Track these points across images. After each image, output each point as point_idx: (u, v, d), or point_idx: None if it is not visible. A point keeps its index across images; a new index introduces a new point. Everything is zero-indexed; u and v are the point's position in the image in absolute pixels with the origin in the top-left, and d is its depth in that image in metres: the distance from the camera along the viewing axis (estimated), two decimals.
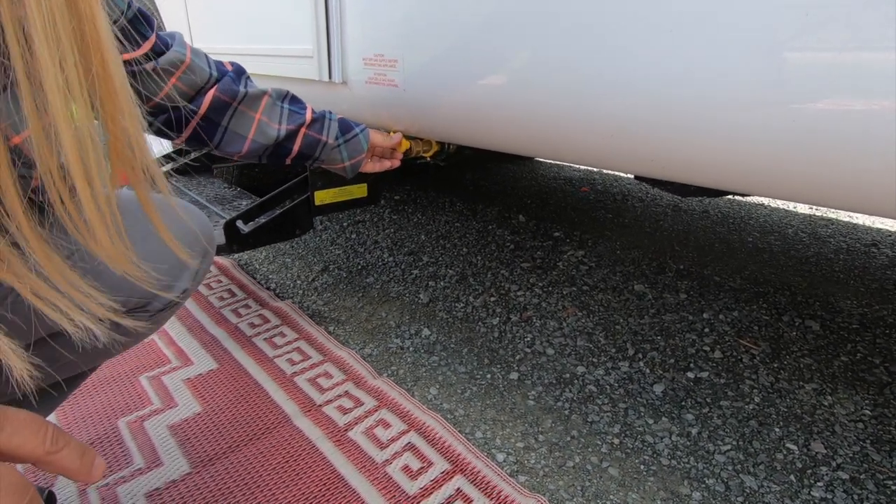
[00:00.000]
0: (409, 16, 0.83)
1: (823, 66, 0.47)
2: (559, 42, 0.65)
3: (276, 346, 1.18)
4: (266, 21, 1.17)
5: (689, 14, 0.53)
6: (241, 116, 0.79)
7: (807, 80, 0.48)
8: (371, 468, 0.83)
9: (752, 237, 1.86)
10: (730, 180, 0.60)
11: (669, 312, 1.33)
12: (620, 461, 0.88)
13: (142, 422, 0.93)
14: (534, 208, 2.11)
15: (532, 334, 1.24)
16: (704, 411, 0.99)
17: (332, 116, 0.89)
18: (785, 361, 1.13)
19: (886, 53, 0.43)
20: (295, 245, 1.79)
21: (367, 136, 0.93)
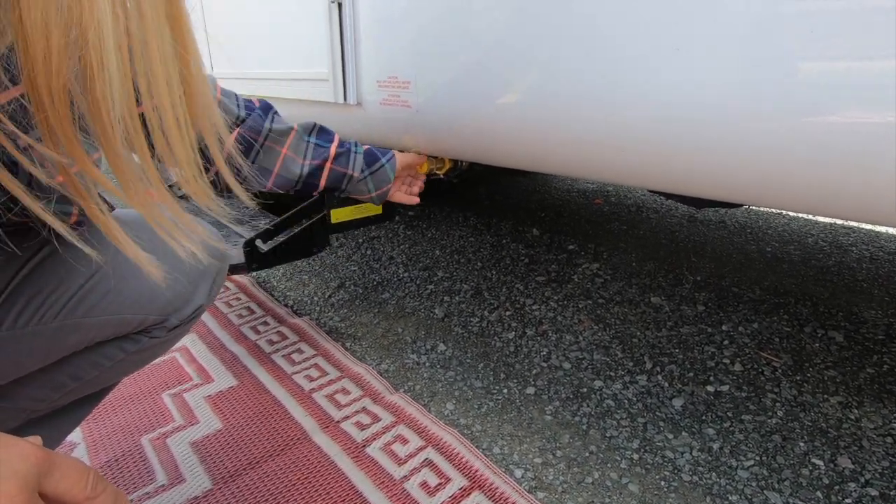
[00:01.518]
0: (422, 38, 0.86)
1: (832, 78, 0.48)
2: (570, 59, 0.66)
3: (295, 362, 1.20)
4: (282, 46, 1.21)
5: (698, 31, 0.54)
6: (267, 152, 0.83)
7: (816, 91, 0.49)
8: (389, 484, 0.84)
9: (771, 247, 1.84)
10: (743, 194, 0.60)
11: (687, 325, 1.31)
12: (640, 477, 0.87)
13: (164, 438, 0.95)
14: (548, 221, 2.11)
15: (548, 348, 1.24)
16: (726, 426, 0.97)
17: (359, 149, 0.92)
18: (808, 374, 1.11)
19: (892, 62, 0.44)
20: (312, 262, 1.81)
21: (393, 166, 0.96)
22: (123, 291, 0.53)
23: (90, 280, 0.52)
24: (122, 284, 0.53)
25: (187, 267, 0.59)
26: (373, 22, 0.94)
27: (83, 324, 0.51)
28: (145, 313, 0.55)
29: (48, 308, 0.50)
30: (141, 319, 0.55)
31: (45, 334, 0.50)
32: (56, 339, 0.51)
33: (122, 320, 0.53)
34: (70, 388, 0.57)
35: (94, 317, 0.52)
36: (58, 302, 0.51)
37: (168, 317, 0.58)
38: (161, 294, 0.56)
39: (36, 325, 0.50)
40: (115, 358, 0.56)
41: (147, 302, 0.55)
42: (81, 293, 0.52)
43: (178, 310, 0.58)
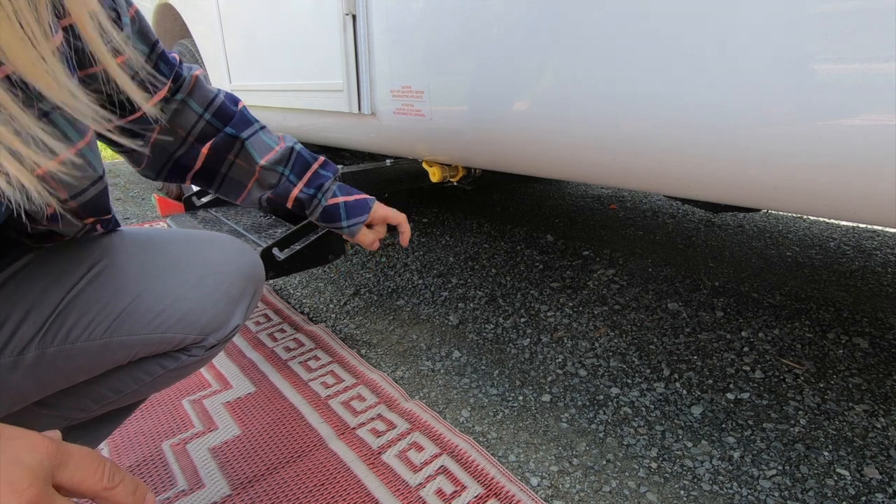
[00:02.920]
0: (435, 48, 0.87)
1: (848, 83, 0.47)
2: (583, 66, 0.67)
3: (311, 369, 1.21)
4: (298, 58, 1.23)
5: (712, 36, 0.54)
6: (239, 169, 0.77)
7: (832, 96, 0.48)
8: (405, 492, 0.84)
9: (792, 251, 1.80)
10: (759, 198, 0.60)
11: (706, 331, 1.29)
12: (659, 486, 0.85)
13: (184, 444, 0.97)
14: (562, 227, 2.11)
15: (563, 355, 1.23)
16: (747, 434, 0.95)
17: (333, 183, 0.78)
18: (832, 381, 1.08)
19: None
20: (327, 270, 1.83)
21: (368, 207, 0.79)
22: (167, 310, 0.55)
23: (136, 299, 0.54)
24: (166, 304, 0.55)
25: (227, 287, 0.60)
26: (386, 33, 0.95)
27: (128, 341, 0.53)
28: (186, 333, 0.57)
29: (97, 325, 0.52)
30: (181, 338, 0.56)
31: (92, 350, 0.52)
32: (102, 354, 0.53)
33: (163, 339, 0.55)
34: (110, 401, 0.59)
35: (138, 335, 0.54)
36: (106, 319, 0.53)
37: (207, 336, 0.59)
38: (202, 314, 0.57)
39: (84, 342, 0.52)
40: (154, 374, 0.58)
41: (189, 322, 0.56)
42: (128, 311, 0.54)
43: (216, 330, 0.59)
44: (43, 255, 0.55)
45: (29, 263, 0.54)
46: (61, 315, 0.52)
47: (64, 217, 0.47)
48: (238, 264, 0.63)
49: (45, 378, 0.51)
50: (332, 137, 1.32)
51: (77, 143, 0.44)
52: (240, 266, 0.63)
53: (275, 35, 1.30)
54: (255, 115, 1.60)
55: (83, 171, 0.45)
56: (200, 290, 0.57)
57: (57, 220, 0.46)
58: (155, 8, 1.98)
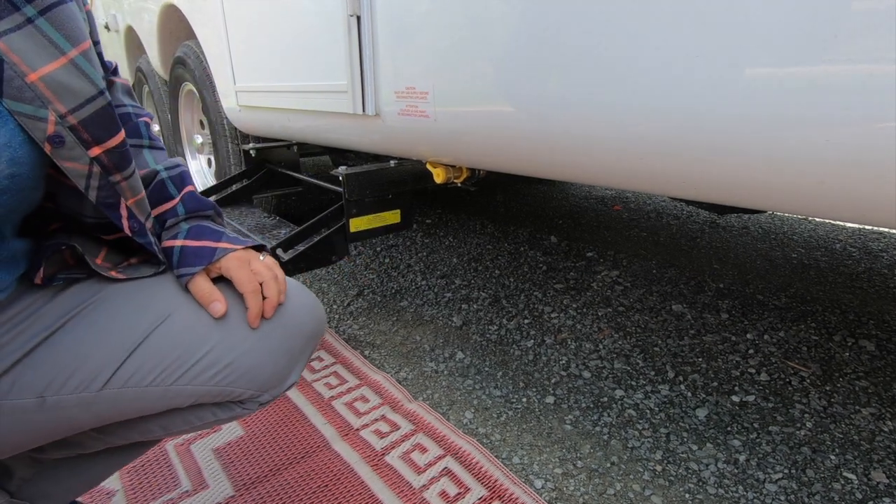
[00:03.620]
0: (439, 49, 0.87)
1: (854, 85, 0.47)
2: (588, 68, 0.66)
3: (314, 370, 1.21)
4: (302, 59, 1.23)
5: (719, 38, 0.54)
6: None
7: (838, 99, 0.48)
8: (409, 493, 0.84)
9: (797, 253, 1.79)
10: (763, 200, 0.59)
11: (710, 333, 1.29)
12: (664, 489, 0.85)
13: (188, 445, 0.97)
14: (566, 229, 2.10)
15: (567, 357, 1.23)
16: (752, 437, 0.95)
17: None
18: (838, 384, 1.08)
19: None
20: (331, 271, 1.83)
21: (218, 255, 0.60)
22: (234, 363, 0.54)
23: (211, 351, 0.53)
24: (234, 356, 0.54)
25: (290, 345, 0.59)
26: (391, 34, 0.95)
27: (192, 391, 0.54)
28: (245, 388, 0.56)
29: (168, 372, 0.53)
30: (240, 392, 0.56)
31: (157, 395, 0.53)
32: (164, 399, 0.53)
33: (223, 392, 0.55)
34: (155, 435, 0.59)
35: (204, 386, 0.54)
36: (179, 368, 0.53)
37: (264, 392, 0.58)
38: (264, 370, 0.57)
39: (150, 386, 0.52)
40: (205, 420, 0.58)
41: (251, 377, 0.56)
42: (199, 361, 0.54)
43: (274, 387, 0.59)
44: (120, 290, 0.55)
45: (107, 298, 0.54)
46: (133, 358, 0.52)
47: (66, 142, 0.45)
48: (305, 322, 0.61)
49: (104, 414, 0.52)
50: (337, 138, 1.32)
51: (69, 53, 0.44)
52: (306, 324, 0.61)
53: (279, 36, 1.30)
54: (260, 116, 1.60)
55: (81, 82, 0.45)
56: (266, 344, 0.56)
57: (62, 142, 0.44)
58: (160, 9, 1.98)
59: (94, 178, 0.48)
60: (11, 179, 0.43)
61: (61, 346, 0.51)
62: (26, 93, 0.42)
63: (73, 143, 0.45)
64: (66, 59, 0.44)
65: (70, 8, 0.46)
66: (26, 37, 0.42)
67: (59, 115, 0.44)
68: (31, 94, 0.42)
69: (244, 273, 0.56)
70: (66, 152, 0.45)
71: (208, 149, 2.14)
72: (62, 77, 0.44)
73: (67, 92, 0.44)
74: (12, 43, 0.41)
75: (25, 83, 0.42)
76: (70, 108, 0.44)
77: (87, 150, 0.46)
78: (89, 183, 0.48)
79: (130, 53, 2.80)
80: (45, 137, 0.43)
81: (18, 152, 0.43)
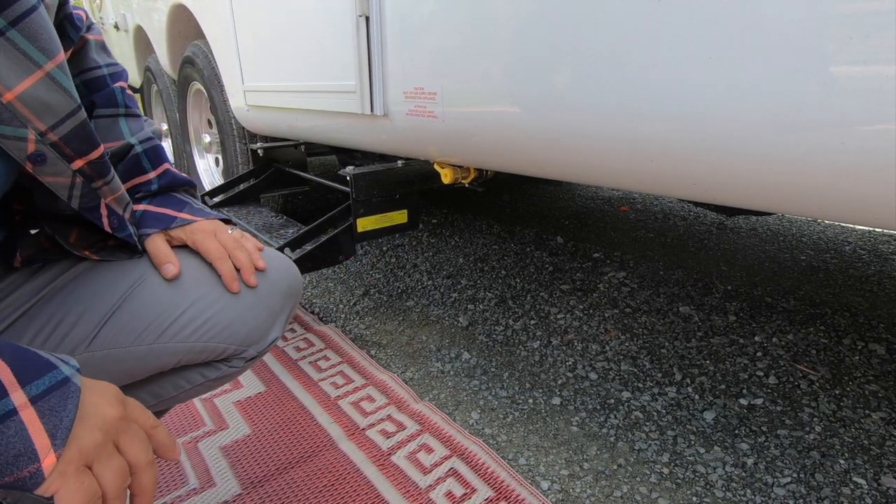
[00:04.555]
0: (448, 50, 0.87)
1: (870, 87, 0.46)
2: (598, 68, 0.66)
3: (321, 369, 1.21)
4: (311, 59, 1.24)
5: (730, 37, 0.54)
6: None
7: (855, 101, 0.47)
8: (415, 493, 0.84)
9: (806, 255, 1.78)
10: (775, 203, 0.59)
11: (718, 335, 1.28)
12: (671, 492, 0.84)
13: (196, 443, 0.97)
14: (572, 229, 2.10)
15: (574, 358, 1.23)
16: (760, 440, 0.94)
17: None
18: (847, 388, 1.07)
19: None
20: (337, 270, 1.84)
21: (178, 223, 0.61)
22: (212, 319, 0.55)
23: (189, 308, 0.54)
24: (212, 312, 0.56)
25: (269, 301, 0.61)
26: (399, 34, 0.95)
27: (175, 348, 0.55)
28: (228, 343, 0.57)
29: (148, 331, 0.54)
30: (224, 348, 0.57)
31: (140, 355, 0.53)
32: (148, 359, 0.54)
33: (206, 348, 0.56)
34: (147, 405, 0.60)
35: (186, 342, 0.55)
36: (157, 326, 0.54)
37: (248, 348, 0.60)
38: (244, 325, 0.58)
39: (135, 346, 0.53)
40: (194, 382, 0.59)
41: (232, 332, 0.57)
42: (178, 319, 0.54)
43: (257, 342, 0.60)
44: (97, 263, 0.56)
45: (83, 271, 0.56)
46: (113, 319, 0.53)
47: (48, 159, 0.43)
48: (280, 278, 0.63)
49: None
50: (344, 138, 1.32)
51: (45, 66, 0.42)
52: (282, 280, 0.63)
53: (288, 36, 1.31)
54: (268, 116, 1.61)
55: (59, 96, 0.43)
56: (244, 300, 0.58)
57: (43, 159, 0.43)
58: (169, 9, 2.00)
59: (76, 188, 0.48)
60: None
61: (42, 315, 0.52)
62: (4, 114, 0.40)
63: (55, 159, 0.44)
64: (42, 72, 0.42)
65: (41, 15, 0.43)
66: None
67: (39, 132, 0.42)
68: (9, 114, 0.40)
69: (210, 243, 0.58)
70: (48, 168, 0.44)
71: (216, 148, 2.15)
72: (39, 93, 0.42)
73: (46, 109, 0.42)
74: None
75: (2, 104, 0.40)
76: (50, 124, 0.43)
77: (70, 164, 0.46)
78: (72, 193, 0.48)
79: (139, 53, 2.82)
80: (26, 156, 0.42)
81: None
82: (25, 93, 0.41)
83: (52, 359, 0.37)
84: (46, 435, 0.34)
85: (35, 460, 0.34)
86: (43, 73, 0.42)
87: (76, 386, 0.37)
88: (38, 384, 0.35)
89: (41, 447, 0.34)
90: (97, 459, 0.37)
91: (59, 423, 0.35)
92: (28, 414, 0.34)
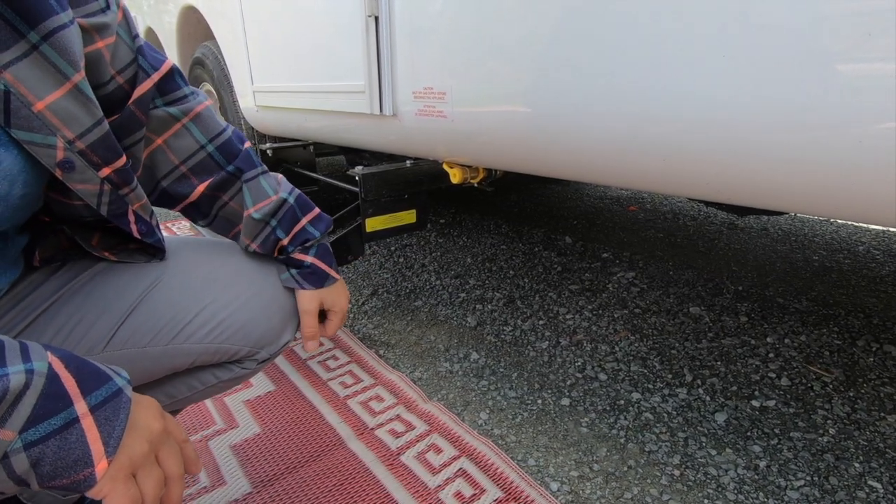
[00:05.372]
0: (457, 49, 0.87)
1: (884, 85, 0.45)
2: (608, 67, 0.66)
3: (330, 368, 1.22)
4: (320, 59, 1.24)
5: (742, 38, 0.53)
6: None
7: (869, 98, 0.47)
8: (424, 493, 0.84)
9: (819, 255, 1.76)
10: (789, 202, 0.58)
11: (729, 336, 1.27)
12: (682, 494, 0.84)
13: (206, 441, 0.98)
14: (581, 229, 2.09)
15: (583, 359, 1.22)
16: (773, 443, 0.93)
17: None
18: (862, 390, 1.05)
19: None
20: (346, 270, 1.84)
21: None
22: (227, 320, 0.56)
23: (204, 310, 0.55)
24: (226, 314, 0.56)
25: (282, 303, 0.62)
26: (408, 34, 0.95)
27: (189, 349, 0.56)
28: (242, 344, 0.58)
29: (163, 332, 0.55)
30: (237, 350, 0.58)
31: (155, 355, 0.54)
32: (163, 360, 0.55)
33: (220, 349, 0.57)
34: (163, 405, 0.60)
35: (200, 343, 0.56)
36: (175, 328, 0.55)
37: (260, 350, 0.60)
38: (258, 326, 0.59)
39: (151, 347, 0.54)
40: (207, 383, 0.60)
41: (246, 334, 0.58)
42: (193, 320, 0.55)
43: (269, 344, 0.61)
44: (114, 264, 0.57)
45: (102, 272, 0.57)
46: (130, 320, 0.54)
47: (77, 166, 0.45)
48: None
49: None
50: (354, 138, 1.32)
51: (73, 78, 0.44)
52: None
53: (297, 37, 1.31)
54: (277, 116, 1.62)
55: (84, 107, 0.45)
56: (258, 302, 0.59)
57: (72, 167, 0.45)
58: (179, 11, 2.01)
59: (104, 196, 0.49)
60: (23, 199, 0.45)
61: (60, 314, 0.53)
62: (34, 122, 0.42)
63: (83, 167, 0.46)
64: (70, 84, 0.44)
65: (71, 32, 0.45)
66: (32, 65, 0.42)
67: (68, 140, 0.44)
68: (39, 122, 0.42)
69: (335, 326, 0.69)
70: (77, 175, 0.46)
71: None
72: (68, 103, 0.44)
73: (73, 118, 0.44)
74: (19, 73, 0.41)
75: (32, 112, 0.42)
76: (77, 133, 0.45)
77: (98, 172, 0.48)
78: (100, 200, 0.49)
79: None
80: (56, 163, 0.44)
81: (31, 175, 0.44)
82: (55, 103, 0.43)
83: (107, 370, 0.40)
84: (101, 442, 0.37)
85: (90, 465, 0.36)
86: (71, 84, 0.44)
87: (127, 397, 0.40)
88: (97, 394, 0.38)
89: (96, 453, 0.37)
90: (141, 468, 0.40)
91: (112, 431, 0.38)
92: (88, 422, 0.37)
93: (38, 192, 0.47)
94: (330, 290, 0.66)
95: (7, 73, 0.40)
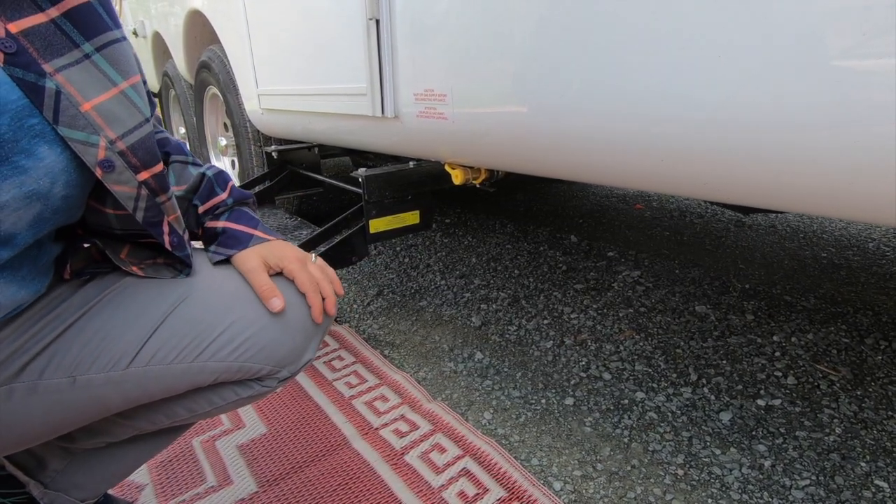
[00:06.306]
0: (458, 52, 0.87)
1: (885, 83, 0.45)
2: (609, 69, 0.66)
3: (335, 369, 1.23)
4: (322, 62, 1.25)
5: (743, 39, 0.53)
6: None
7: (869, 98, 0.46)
8: (428, 493, 0.84)
9: (827, 252, 1.74)
10: (789, 202, 0.58)
11: (735, 335, 1.26)
12: (686, 493, 0.84)
13: (214, 441, 0.99)
14: (586, 228, 2.08)
15: (587, 358, 1.22)
16: (778, 442, 0.93)
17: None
18: (870, 389, 1.04)
19: None
20: (351, 270, 1.85)
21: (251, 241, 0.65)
22: (251, 339, 0.57)
23: (228, 328, 0.56)
24: (251, 333, 0.57)
25: (304, 322, 0.62)
26: (409, 37, 0.96)
27: (213, 367, 0.56)
28: (265, 363, 0.58)
29: (189, 350, 0.55)
30: (259, 369, 0.58)
31: (179, 372, 0.55)
32: (186, 377, 0.56)
33: (243, 368, 0.58)
34: (181, 418, 0.62)
35: (224, 361, 0.56)
36: (199, 345, 0.55)
37: (282, 369, 0.61)
38: (281, 346, 0.59)
39: (173, 363, 0.55)
40: (227, 399, 0.61)
41: (269, 353, 0.58)
42: (218, 339, 0.56)
43: (292, 363, 0.61)
44: (141, 279, 0.58)
45: (129, 286, 0.57)
46: (156, 336, 0.54)
47: (116, 167, 0.48)
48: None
49: (132, 394, 0.54)
50: (356, 140, 1.33)
51: (120, 84, 0.48)
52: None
53: (300, 40, 1.32)
54: (282, 119, 1.63)
55: (129, 110, 0.49)
56: (282, 321, 0.59)
57: (112, 167, 0.48)
58: (185, 15, 2.03)
59: (141, 200, 0.51)
60: (65, 200, 0.47)
61: (88, 328, 0.54)
62: (80, 120, 0.45)
63: (122, 168, 0.49)
64: (117, 89, 0.48)
65: (124, 46, 0.50)
66: (83, 70, 0.46)
67: (109, 140, 0.47)
68: (84, 121, 0.45)
69: (304, 274, 0.62)
70: (115, 176, 0.48)
71: (232, 151, 2.18)
72: (113, 106, 0.47)
73: (116, 119, 0.47)
74: (70, 76, 0.45)
75: (79, 112, 0.45)
76: (119, 133, 0.48)
77: (136, 175, 0.50)
78: (137, 205, 0.51)
79: (158, 59, 2.88)
80: (97, 162, 0.47)
81: (73, 176, 0.47)
82: (101, 104, 0.46)
83: None
84: None
85: None
86: (118, 90, 0.48)
87: None
88: None
89: None
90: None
91: None
92: None
93: (80, 198, 0.49)
94: (266, 247, 0.63)
95: (59, 75, 0.44)
